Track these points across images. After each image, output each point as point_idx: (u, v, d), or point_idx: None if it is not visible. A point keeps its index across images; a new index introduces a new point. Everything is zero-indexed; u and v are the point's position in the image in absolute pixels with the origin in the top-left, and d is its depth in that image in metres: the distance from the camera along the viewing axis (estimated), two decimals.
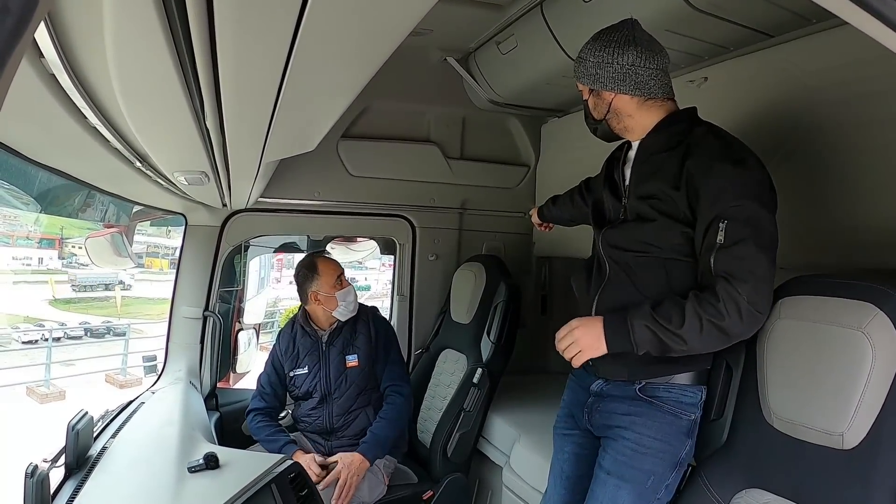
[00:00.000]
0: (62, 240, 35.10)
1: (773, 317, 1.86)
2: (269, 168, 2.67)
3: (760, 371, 1.90)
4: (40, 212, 5.77)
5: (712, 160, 1.89)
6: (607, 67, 2.04)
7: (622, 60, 2.02)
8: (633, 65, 2.02)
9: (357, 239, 5.05)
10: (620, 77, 2.04)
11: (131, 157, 1.95)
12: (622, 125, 2.16)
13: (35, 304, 30.53)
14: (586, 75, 2.12)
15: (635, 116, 2.12)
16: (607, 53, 2.04)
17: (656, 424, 2.04)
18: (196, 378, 3.80)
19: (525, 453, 3.26)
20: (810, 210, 2.39)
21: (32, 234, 35.10)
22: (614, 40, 2.04)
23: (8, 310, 28.35)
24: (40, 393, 14.66)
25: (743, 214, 1.82)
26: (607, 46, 2.04)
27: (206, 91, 1.23)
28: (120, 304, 31.33)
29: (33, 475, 1.99)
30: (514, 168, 4.51)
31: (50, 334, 18.33)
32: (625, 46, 2.02)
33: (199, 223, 3.80)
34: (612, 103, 2.11)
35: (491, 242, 4.48)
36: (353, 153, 4.07)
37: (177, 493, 2.20)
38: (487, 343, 3.70)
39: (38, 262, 35.64)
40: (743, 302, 1.77)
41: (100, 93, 1.32)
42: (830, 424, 1.67)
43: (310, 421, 3.54)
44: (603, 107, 2.14)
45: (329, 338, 3.55)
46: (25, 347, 19.75)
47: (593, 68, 2.07)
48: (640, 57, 2.02)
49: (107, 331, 23.95)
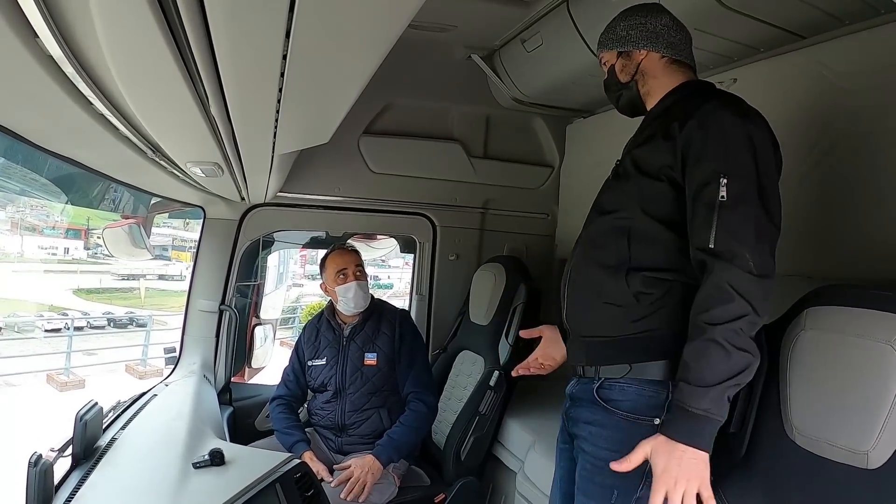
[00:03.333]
0: (88, 230, 35.51)
1: (797, 327, 1.77)
2: (285, 161, 2.64)
3: (783, 383, 1.80)
4: (66, 202, 5.81)
5: (714, 110, 1.81)
6: (640, 28, 2.07)
7: (656, 21, 2.07)
8: (665, 26, 2.07)
9: (377, 236, 5.04)
10: (654, 35, 2.06)
11: (143, 146, 1.93)
12: (646, 88, 2.11)
13: (59, 293, 30.91)
14: (616, 39, 2.12)
15: (659, 78, 2.08)
16: (641, 16, 2.09)
17: (612, 434, 1.91)
18: (210, 372, 3.81)
19: (540, 460, 3.20)
20: (840, 218, 2.33)
21: (59, 224, 35.57)
22: (646, 7, 2.11)
23: (33, 298, 28.73)
24: (60, 381, 14.86)
25: (748, 171, 1.71)
26: (639, 11, 2.10)
27: (206, 80, 1.19)
28: (144, 295, 31.67)
29: (36, 464, 1.97)
30: (538, 168, 4.45)
31: (72, 323, 18.46)
32: (657, 12, 2.09)
33: (218, 216, 3.79)
34: (641, 63, 2.09)
35: (513, 244, 4.43)
36: (374, 150, 4.04)
37: (180, 489, 2.17)
38: (505, 345, 3.63)
39: (64, 251, 36.09)
40: (751, 279, 1.64)
41: (104, 79, 1.28)
42: (855, 442, 1.59)
43: (322, 415, 3.51)
44: (632, 67, 2.11)
45: (351, 332, 3.52)
46: (49, 336, 19.98)
47: (625, 30, 2.09)
48: (673, 21, 2.08)
49: (129, 321, 24.18)
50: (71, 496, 2.10)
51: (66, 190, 3.50)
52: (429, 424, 3.50)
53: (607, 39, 2.14)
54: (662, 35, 2.04)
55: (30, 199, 32.73)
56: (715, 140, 1.75)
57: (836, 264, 2.30)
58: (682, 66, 2.08)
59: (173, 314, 21.02)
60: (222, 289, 3.81)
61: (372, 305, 3.56)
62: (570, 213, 4.36)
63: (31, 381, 15.06)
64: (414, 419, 3.38)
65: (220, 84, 1.21)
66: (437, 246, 4.32)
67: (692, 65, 2.12)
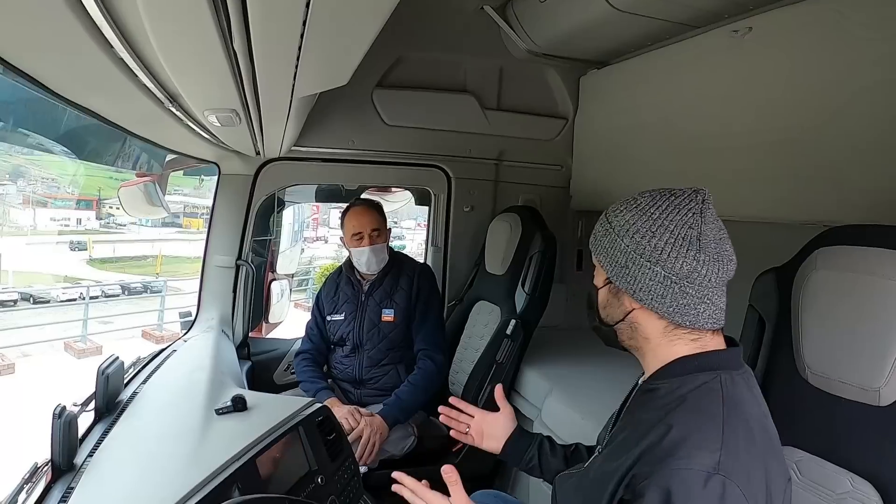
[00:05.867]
0: (99, 200, 35.59)
1: (809, 268, 1.77)
2: (302, 108, 2.62)
3: (795, 323, 1.80)
4: (80, 158, 5.71)
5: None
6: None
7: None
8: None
9: (392, 189, 5.04)
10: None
11: (161, 95, 1.92)
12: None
13: (73, 264, 31.05)
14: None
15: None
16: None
17: None
18: (228, 327, 3.83)
19: (557, 406, 3.21)
20: (860, 170, 2.32)
21: (70, 195, 35.64)
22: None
23: (48, 269, 28.89)
24: (77, 348, 14.97)
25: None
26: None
27: (232, 11, 1.18)
28: (160, 262, 31.83)
29: (61, 416, 1.97)
30: (552, 120, 4.42)
31: (87, 292, 18.55)
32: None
33: (233, 172, 3.79)
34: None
35: (527, 195, 4.42)
36: (388, 102, 4.01)
37: (203, 435, 2.18)
38: (522, 294, 3.63)
39: (77, 222, 36.19)
40: None
41: (126, 17, 1.28)
42: (867, 380, 1.59)
43: (341, 368, 3.56)
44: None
45: (369, 288, 3.55)
46: (64, 305, 20.09)
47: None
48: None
49: (144, 289, 24.29)
50: (95, 447, 2.12)
51: (80, 148, 3.50)
52: (437, 383, 3.52)
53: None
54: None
55: (41, 171, 32.89)
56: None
57: (850, 211, 2.29)
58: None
59: (188, 279, 21.11)
60: (238, 244, 3.82)
61: (391, 260, 3.57)
62: (585, 165, 4.34)
63: (47, 350, 15.19)
64: (421, 378, 3.42)
65: (245, 16, 1.21)
66: (452, 197, 4.31)
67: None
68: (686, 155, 3.25)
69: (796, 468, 1.74)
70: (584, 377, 3.44)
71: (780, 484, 1.36)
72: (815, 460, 1.71)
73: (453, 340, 3.97)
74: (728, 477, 1.24)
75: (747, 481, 1.27)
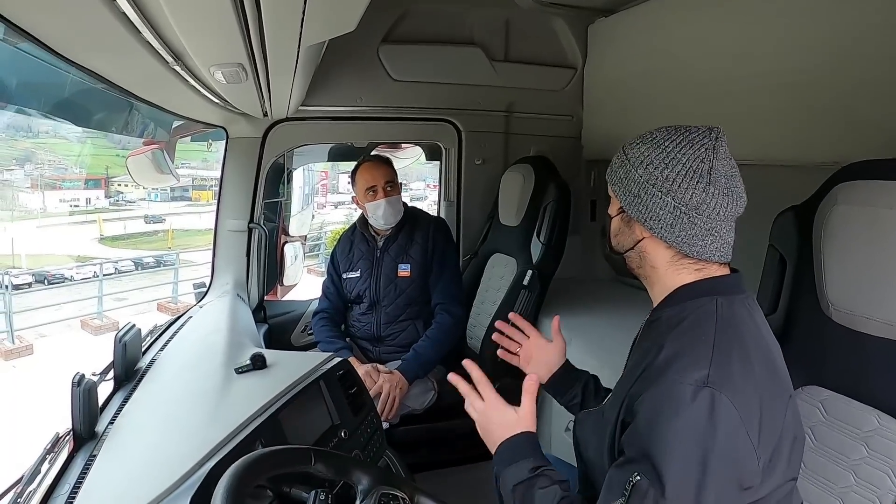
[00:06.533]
0: (107, 179, 35.67)
1: (830, 203, 1.74)
2: (309, 61, 2.58)
3: (817, 260, 1.78)
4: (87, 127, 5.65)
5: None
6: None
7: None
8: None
9: (402, 146, 5.03)
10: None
11: (165, 53, 1.89)
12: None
13: (85, 243, 31.23)
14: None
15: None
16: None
17: None
18: (243, 291, 3.82)
19: (578, 356, 3.15)
20: (874, 108, 2.31)
21: (78, 175, 35.76)
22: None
23: (61, 250, 29.07)
24: (94, 325, 15.17)
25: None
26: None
27: None
28: (171, 236, 32.02)
29: (80, 384, 1.96)
30: (560, 70, 4.37)
31: (101, 270, 18.67)
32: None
33: (241, 135, 3.75)
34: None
35: (538, 146, 4.36)
36: (394, 57, 3.97)
37: (224, 394, 2.18)
38: (538, 245, 3.61)
39: (87, 202, 36.31)
40: None
41: None
42: (892, 314, 1.57)
43: (359, 326, 3.56)
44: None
45: (384, 244, 3.53)
46: (79, 283, 20.23)
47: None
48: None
49: (157, 263, 24.41)
50: (116, 414, 2.11)
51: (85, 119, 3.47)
52: (455, 337, 3.53)
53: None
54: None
55: (47, 155, 33.01)
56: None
57: (864, 150, 2.25)
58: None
59: (200, 250, 21.21)
60: (250, 207, 3.80)
61: (406, 215, 3.54)
62: (596, 114, 4.31)
63: (64, 329, 15.33)
64: (439, 332, 3.42)
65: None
66: (463, 151, 4.28)
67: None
68: (698, 100, 3.22)
69: (822, 407, 1.73)
70: (604, 327, 3.42)
71: (776, 412, 1.36)
72: (840, 399, 1.70)
73: (469, 295, 3.95)
74: (717, 389, 1.27)
75: (739, 396, 1.28)
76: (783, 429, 1.35)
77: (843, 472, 1.67)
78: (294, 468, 1.48)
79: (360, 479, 1.54)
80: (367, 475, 1.54)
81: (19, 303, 16.22)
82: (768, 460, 1.31)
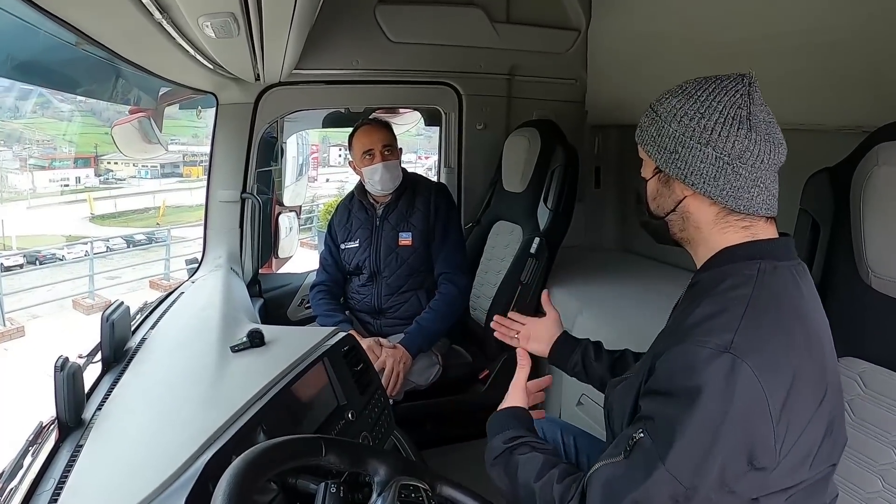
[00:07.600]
0: (97, 157, 35.61)
1: (870, 163, 1.62)
2: (305, 15, 2.45)
3: (855, 225, 1.66)
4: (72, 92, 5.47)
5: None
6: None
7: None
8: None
9: (400, 111, 4.93)
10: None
11: (151, 6, 1.76)
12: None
13: (76, 222, 31.26)
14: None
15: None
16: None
17: None
18: (237, 264, 3.71)
19: (589, 326, 3.10)
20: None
21: (67, 154, 35.76)
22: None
23: (52, 230, 29.10)
24: (86, 304, 15.23)
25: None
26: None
27: None
28: (162, 212, 32.12)
29: (63, 368, 1.82)
30: (564, 32, 4.26)
31: (92, 248, 18.62)
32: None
33: (232, 101, 3.63)
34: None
35: (541, 110, 4.24)
36: (392, 18, 3.84)
37: (220, 375, 2.05)
38: (545, 211, 3.50)
39: (76, 181, 36.26)
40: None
41: None
42: None
43: (359, 299, 3.45)
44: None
45: (384, 212, 3.41)
46: (70, 263, 20.22)
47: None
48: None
49: (148, 240, 24.39)
50: (104, 399, 1.98)
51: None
52: (460, 308, 3.45)
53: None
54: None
55: (35, 135, 32.96)
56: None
57: (889, 115, 2.15)
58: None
59: (191, 226, 21.18)
60: (242, 177, 3.69)
61: (405, 181, 3.42)
62: (601, 78, 4.22)
63: (56, 310, 15.31)
64: (443, 303, 3.34)
65: None
66: (464, 116, 4.17)
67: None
68: (713, 62, 3.08)
69: (860, 380, 1.65)
70: (615, 296, 3.37)
71: (808, 396, 1.27)
72: (880, 371, 1.61)
73: (472, 264, 3.86)
74: (740, 357, 1.20)
75: (767, 367, 1.21)
76: (814, 417, 1.27)
77: (884, 448, 1.59)
78: (303, 461, 1.34)
79: (376, 470, 1.40)
80: (385, 465, 1.40)
81: (10, 284, 16.22)
82: (792, 445, 1.24)
